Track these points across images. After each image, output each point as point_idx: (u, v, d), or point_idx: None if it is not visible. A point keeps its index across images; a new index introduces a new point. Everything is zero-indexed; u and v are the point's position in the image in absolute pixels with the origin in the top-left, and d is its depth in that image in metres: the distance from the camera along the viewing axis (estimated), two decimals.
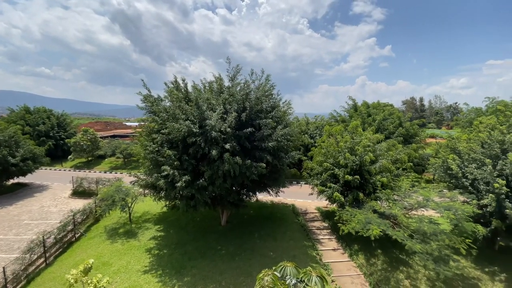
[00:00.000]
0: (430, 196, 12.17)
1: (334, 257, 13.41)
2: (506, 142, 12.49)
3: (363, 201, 13.38)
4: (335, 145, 15.10)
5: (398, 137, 22.38)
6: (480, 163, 12.63)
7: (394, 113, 25.47)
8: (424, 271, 12.01)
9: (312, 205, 19.06)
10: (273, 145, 12.07)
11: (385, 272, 12.20)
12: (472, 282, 11.63)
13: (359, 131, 16.28)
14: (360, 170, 13.84)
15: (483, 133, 13.80)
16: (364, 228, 11.28)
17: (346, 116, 27.45)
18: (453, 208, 11.18)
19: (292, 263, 5.38)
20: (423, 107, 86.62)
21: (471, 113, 23.87)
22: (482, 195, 11.90)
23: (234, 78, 13.81)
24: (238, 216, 16.83)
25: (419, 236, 11.02)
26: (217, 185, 11.71)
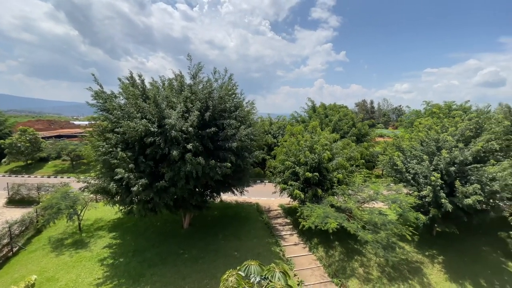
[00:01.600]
0: (380, 190, 13.45)
1: (296, 251, 13.94)
2: (440, 140, 14.36)
3: (322, 196, 14.16)
4: (296, 144, 15.69)
5: (352, 137, 24.21)
6: (419, 159, 14.31)
7: (348, 114, 27.47)
8: (376, 258, 13.17)
9: (275, 203, 19.55)
10: (237, 145, 12.06)
11: (342, 262, 13.07)
12: (415, 265, 13.11)
13: (318, 131, 17.19)
14: (319, 167, 14.62)
15: (422, 133, 15.66)
16: (322, 222, 11.97)
17: (306, 117, 28.76)
18: (399, 200, 12.53)
19: (256, 261, 5.43)
20: (373, 109, 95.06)
21: (412, 115, 26.93)
22: (421, 187, 13.49)
23: (196, 76, 13.44)
24: (201, 218, 16.43)
25: (371, 226, 12.13)
26: (179, 187, 11.26)
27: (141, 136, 10.72)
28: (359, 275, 12.22)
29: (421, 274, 12.48)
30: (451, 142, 13.75)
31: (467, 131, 14.36)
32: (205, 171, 11.33)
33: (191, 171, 10.75)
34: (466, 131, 14.36)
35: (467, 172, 12.96)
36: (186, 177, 11.19)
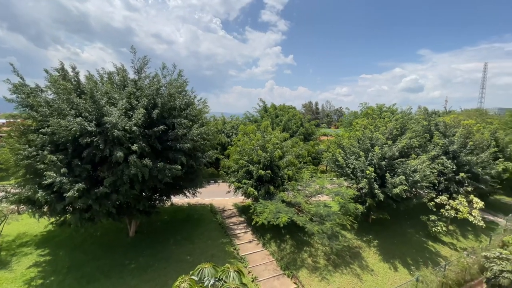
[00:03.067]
0: (325, 184, 14.64)
1: (250, 249, 14.16)
2: (373, 138, 16.31)
3: (274, 193, 14.69)
4: (249, 143, 15.93)
5: (300, 135, 25.71)
6: (357, 155, 16.00)
7: (296, 115, 29.06)
8: (322, 247, 14.26)
9: (230, 202, 19.50)
10: (189, 145, 11.62)
11: (292, 254, 13.78)
12: (355, 251, 14.62)
13: (269, 130, 17.77)
14: (271, 165, 15.12)
15: (358, 132, 17.55)
16: (274, 217, 12.45)
17: (258, 117, 29.40)
18: (341, 193, 13.82)
19: (210, 263, 5.33)
20: (318, 110, 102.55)
21: (351, 115, 30.01)
22: (359, 180, 15.11)
23: (141, 71, 12.46)
24: (150, 224, 15.35)
25: (317, 218, 13.12)
26: (122, 192, 10.30)
27: (75, 136, 9.47)
28: (308, 265, 13.06)
29: (360, 258, 14.00)
30: (382, 139, 15.76)
31: (394, 130, 16.65)
32: (152, 173, 10.61)
33: (136, 174, 9.94)
34: (394, 130, 16.64)
35: (394, 166, 15.03)
36: (130, 181, 10.32)
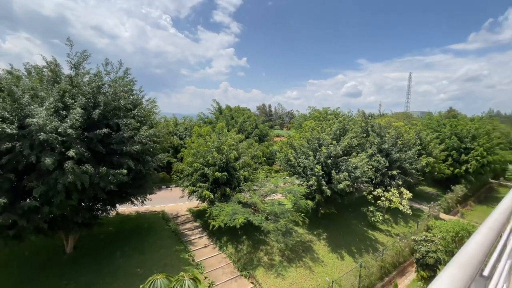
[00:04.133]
0: (278, 183, 15.21)
1: (206, 253, 13.82)
2: (321, 139, 17.57)
3: (230, 195, 14.64)
4: (204, 145, 15.58)
5: (255, 137, 26.20)
6: (307, 154, 17.03)
7: (251, 116, 29.54)
8: (277, 244, 14.75)
9: (184, 208, 18.70)
10: (137, 148, 10.78)
11: (249, 254, 13.93)
12: (307, 244, 15.50)
13: (225, 132, 17.67)
14: (227, 167, 15.05)
15: (307, 133, 18.71)
16: (231, 219, 12.41)
17: (213, 118, 28.96)
18: (293, 190, 14.53)
19: (162, 274, 5.05)
20: (271, 112, 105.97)
21: (301, 118, 31.80)
22: (309, 178, 16.10)
23: (79, 66, 11.10)
24: (91, 237, 13.73)
25: (272, 217, 13.54)
26: (56, 204, 9.01)
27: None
28: (265, 263, 13.36)
29: (312, 251, 14.90)
30: (328, 140, 17.09)
31: (338, 131, 18.22)
32: (93, 181, 9.54)
33: (73, 182, 8.81)
34: (337, 131, 18.22)
35: (339, 163, 16.44)
36: (66, 191, 9.09)
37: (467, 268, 0.59)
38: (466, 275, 0.56)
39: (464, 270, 0.59)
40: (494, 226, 0.93)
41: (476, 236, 0.80)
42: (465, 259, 0.62)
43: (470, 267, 0.59)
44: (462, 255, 0.65)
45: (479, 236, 0.81)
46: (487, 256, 0.83)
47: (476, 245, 0.69)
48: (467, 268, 0.59)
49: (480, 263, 0.65)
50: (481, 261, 0.66)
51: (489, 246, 0.78)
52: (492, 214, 1.08)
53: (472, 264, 0.60)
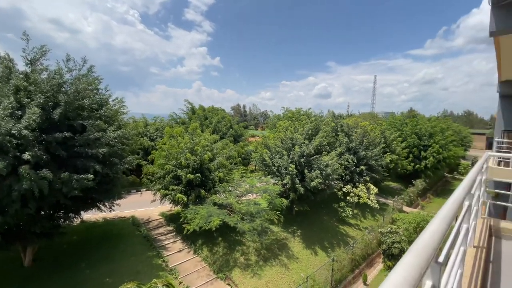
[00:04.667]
0: (254, 183, 15.30)
1: (181, 258, 13.45)
2: (294, 138, 18.02)
3: (205, 196, 14.41)
4: (177, 147, 15.13)
5: (230, 137, 26.06)
6: (281, 154, 17.36)
7: (226, 117, 29.32)
8: (253, 244, 14.83)
9: (156, 212, 17.98)
10: (104, 150, 10.14)
11: (225, 256, 13.82)
12: (283, 242, 15.78)
13: (198, 132, 17.33)
14: (201, 168, 14.78)
15: (281, 133, 19.08)
16: (206, 222, 12.22)
17: (186, 118, 28.24)
18: (268, 190, 14.72)
19: (133, 282, 4.83)
20: (246, 113, 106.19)
21: (275, 118, 32.31)
22: (283, 177, 16.42)
23: (35, 62, 10.14)
24: (53, 247, 12.63)
25: (248, 217, 13.58)
26: (11, 213, 8.16)
27: None
28: (241, 264, 13.35)
29: (287, 248, 15.21)
30: (300, 139, 17.59)
31: (310, 131, 18.83)
32: (54, 187, 8.79)
33: (31, 189, 8.05)
34: (309, 131, 18.82)
35: (311, 162, 17.00)
36: (23, 198, 8.27)
37: (423, 255, 0.67)
38: (422, 261, 0.63)
39: (420, 257, 0.66)
40: (447, 216, 1.04)
41: (430, 226, 0.90)
42: (421, 247, 0.70)
43: (426, 254, 0.67)
44: (418, 243, 0.73)
45: (433, 226, 0.91)
46: (441, 244, 0.94)
47: (430, 234, 0.78)
48: (423, 255, 0.67)
49: (434, 250, 0.73)
50: (436, 248, 0.75)
51: (442, 234, 0.88)
52: (445, 205, 1.21)
53: (427, 251, 0.68)
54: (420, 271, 0.60)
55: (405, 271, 0.59)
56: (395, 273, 0.58)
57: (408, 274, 0.56)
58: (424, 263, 0.64)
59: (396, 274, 0.57)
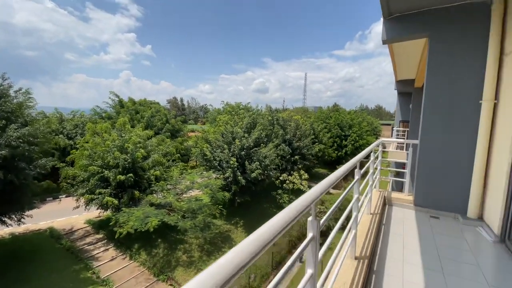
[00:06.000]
0: (195, 179, 15.05)
1: (114, 266, 12.34)
2: (234, 132, 18.37)
3: (140, 198, 13.46)
4: (103, 145, 13.58)
5: (166, 133, 24.70)
6: (222, 148, 17.50)
7: (160, 110, 27.55)
8: (196, 241, 14.70)
9: (80, 220, 15.84)
10: (4, 153, 8.39)
11: (166, 257, 13.33)
12: (226, 234, 16.10)
13: (128, 128, 15.88)
14: (133, 167, 13.69)
15: (222, 127, 19.17)
16: (143, 223, 11.50)
17: (113, 113, 25.34)
18: (210, 185, 14.73)
19: None
20: (184, 106, 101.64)
21: (215, 112, 32.05)
22: (225, 171, 16.65)
23: None
24: None
25: (190, 214, 13.36)
26: None
27: None
28: (184, 262, 13.11)
29: (230, 240, 15.62)
30: (240, 133, 18.06)
31: (249, 124, 19.48)
32: None
33: None
34: (248, 124, 19.47)
35: (251, 154, 17.70)
36: None
37: (302, 205, 0.97)
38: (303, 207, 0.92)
39: (300, 207, 0.96)
40: (325, 183, 1.41)
41: (317, 186, 1.25)
42: (300, 201, 1.01)
43: (305, 205, 0.97)
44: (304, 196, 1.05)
45: (318, 185, 1.26)
46: (317, 203, 1.28)
47: (307, 194, 1.11)
48: (303, 205, 0.97)
49: (309, 207, 1.06)
50: (308, 206, 1.07)
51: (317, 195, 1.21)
52: (330, 176, 1.61)
53: (306, 202, 0.99)
54: (294, 216, 0.88)
55: (289, 211, 0.86)
56: (282, 212, 0.84)
57: (288, 215, 0.83)
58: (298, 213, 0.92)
59: (282, 213, 0.83)
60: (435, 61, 4.27)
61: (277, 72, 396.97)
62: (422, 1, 4.06)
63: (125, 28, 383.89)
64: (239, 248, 0.64)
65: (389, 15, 4.52)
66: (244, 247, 0.64)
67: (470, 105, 3.99)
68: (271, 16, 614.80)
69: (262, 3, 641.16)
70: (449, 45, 4.12)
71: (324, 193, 1.25)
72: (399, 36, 4.57)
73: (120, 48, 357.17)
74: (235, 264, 0.61)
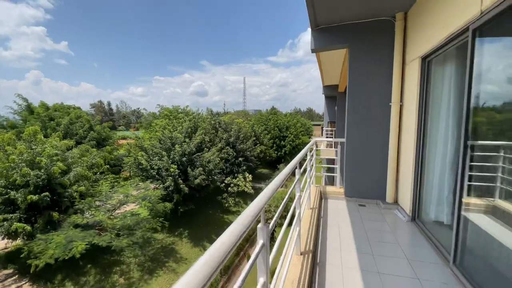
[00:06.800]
0: (129, 192, 13.58)
1: None
2: (173, 138, 17.36)
3: (61, 220, 11.40)
4: (5, 160, 10.99)
5: (91, 141, 21.60)
6: (160, 155, 16.32)
7: (82, 116, 23.95)
8: (135, 259, 13.28)
9: None
10: None
11: (99, 283, 11.62)
12: (170, 248, 15.03)
13: (40, 139, 13.26)
14: (50, 185, 11.51)
15: (159, 132, 17.90)
16: (66, 250, 9.76)
17: (19, 121, 20.81)
18: (148, 196, 13.52)
19: None
20: (112, 111, 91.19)
21: (150, 116, 29.69)
22: (165, 180, 15.56)
23: None
24: None
25: (126, 231, 11.98)
26: None
27: None
28: (121, 286, 11.67)
29: (174, 252, 14.66)
30: (180, 138, 17.20)
31: (189, 129, 18.74)
32: None
33: None
34: (189, 129, 18.72)
35: (193, 160, 17.04)
36: None
37: (251, 215, 0.95)
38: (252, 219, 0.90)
39: (250, 217, 0.94)
40: (270, 188, 1.45)
41: (263, 191, 1.25)
42: (251, 209, 0.99)
43: (253, 216, 0.95)
44: (252, 205, 1.03)
45: (265, 190, 1.27)
46: (265, 207, 1.29)
47: (259, 198, 1.10)
48: (252, 215, 0.95)
49: (260, 209, 1.05)
50: (262, 207, 1.07)
51: (266, 199, 1.22)
52: (275, 179, 1.66)
53: (255, 211, 0.98)
54: (245, 229, 0.86)
55: (239, 223, 0.83)
56: (232, 226, 0.80)
57: (238, 229, 0.79)
58: (249, 224, 0.91)
59: (232, 227, 0.79)
60: (355, 69, 4.91)
61: (216, 76, 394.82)
62: (343, 16, 4.63)
63: (32, 21, 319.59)
64: (188, 279, 0.56)
65: (316, 26, 4.99)
66: (194, 275, 0.56)
67: (383, 107, 4.72)
68: (207, 21, 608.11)
69: (199, 2, 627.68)
70: (365, 55, 4.80)
71: (271, 198, 1.26)
72: (325, 45, 5.09)
73: (26, 43, 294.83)
74: None
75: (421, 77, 3.79)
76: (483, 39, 2.33)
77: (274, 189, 1.41)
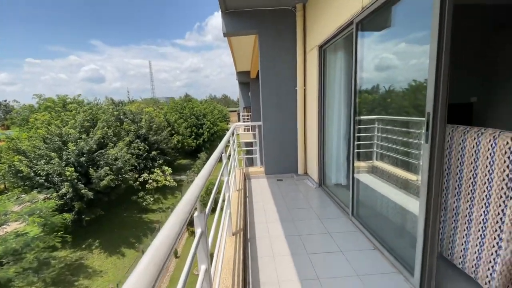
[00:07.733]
0: (8, 208, 10.49)
1: None
2: (64, 134, 14.24)
3: None
4: None
5: None
6: (47, 157, 13.19)
7: None
8: (31, 287, 10.68)
9: None
10: None
11: None
12: (78, 263, 12.75)
13: None
14: None
15: (41, 130, 14.30)
16: None
17: None
18: (37, 210, 10.84)
19: None
20: None
21: (25, 110, 23.20)
22: (59, 186, 12.80)
23: None
24: None
25: (11, 257, 9.38)
26: None
27: None
28: None
29: (85, 268, 12.59)
30: (74, 134, 14.30)
31: (85, 122, 15.75)
32: None
33: None
34: (84, 122, 15.72)
35: (96, 159, 14.59)
36: None
37: (189, 204, 0.92)
38: (187, 212, 0.87)
39: (188, 206, 0.91)
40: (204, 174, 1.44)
41: (196, 181, 1.23)
42: (188, 197, 0.96)
43: (191, 204, 0.93)
44: (187, 194, 1.00)
45: (197, 180, 1.25)
46: (201, 195, 1.28)
47: (191, 190, 1.08)
48: (189, 204, 0.93)
49: (197, 198, 1.04)
50: (198, 196, 1.05)
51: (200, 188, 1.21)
52: (205, 166, 1.65)
53: (192, 200, 0.95)
54: (185, 218, 0.83)
55: (176, 217, 0.79)
56: (168, 222, 0.76)
57: (176, 224, 0.75)
58: (188, 213, 0.88)
59: (168, 222, 0.75)
60: (264, 55, 5.22)
61: (114, 58, 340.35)
62: (250, 2, 4.76)
63: None
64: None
65: (226, 9, 4.96)
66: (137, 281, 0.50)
67: (290, 91, 5.25)
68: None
69: None
70: (272, 42, 5.14)
71: (204, 186, 1.24)
72: (236, 30, 5.15)
73: None
74: None
75: (319, 63, 4.39)
76: (364, 32, 2.89)
77: (206, 176, 1.39)
